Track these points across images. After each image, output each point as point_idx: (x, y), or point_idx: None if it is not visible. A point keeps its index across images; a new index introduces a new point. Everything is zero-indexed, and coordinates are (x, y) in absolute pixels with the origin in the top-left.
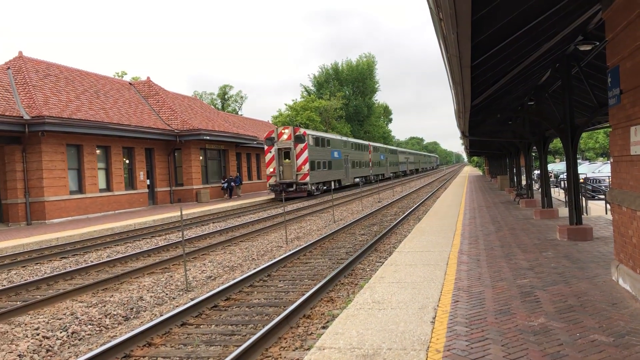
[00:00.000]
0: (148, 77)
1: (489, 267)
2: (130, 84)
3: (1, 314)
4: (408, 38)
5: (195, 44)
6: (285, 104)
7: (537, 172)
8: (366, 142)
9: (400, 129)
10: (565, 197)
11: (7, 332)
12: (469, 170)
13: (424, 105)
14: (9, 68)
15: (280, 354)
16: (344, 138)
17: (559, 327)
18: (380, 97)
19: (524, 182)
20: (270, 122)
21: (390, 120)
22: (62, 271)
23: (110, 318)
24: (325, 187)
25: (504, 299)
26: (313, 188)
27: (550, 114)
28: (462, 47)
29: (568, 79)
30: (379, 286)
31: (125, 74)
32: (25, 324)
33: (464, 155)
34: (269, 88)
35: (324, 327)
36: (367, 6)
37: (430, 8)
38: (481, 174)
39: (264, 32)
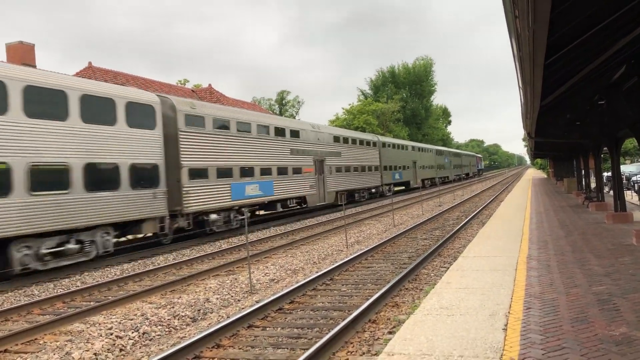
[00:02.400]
0: (210, 85)
1: (561, 273)
2: (192, 91)
3: (77, 313)
4: (459, 40)
5: (252, 52)
6: (343, 108)
7: (606, 174)
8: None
9: (457, 131)
10: None
11: (83, 330)
12: (533, 173)
13: (477, 108)
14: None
15: (348, 359)
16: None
17: None
18: (435, 99)
19: (593, 185)
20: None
21: (449, 123)
22: (131, 273)
23: (178, 319)
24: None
25: (579, 307)
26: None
27: (624, 112)
28: (536, 46)
29: None
30: (445, 292)
31: (188, 81)
32: (100, 324)
33: (527, 158)
34: (325, 92)
35: (390, 333)
36: (412, 9)
37: (504, 5)
38: (545, 176)
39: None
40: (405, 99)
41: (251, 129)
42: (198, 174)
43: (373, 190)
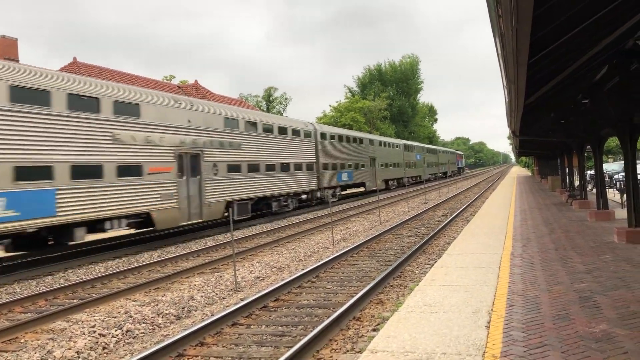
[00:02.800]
0: (196, 81)
1: (544, 270)
2: (178, 87)
3: (60, 311)
4: (444, 39)
5: (239, 48)
6: (330, 105)
7: (589, 172)
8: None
9: (443, 129)
10: (622, 199)
11: (66, 329)
12: (518, 171)
13: (464, 106)
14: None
15: (331, 357)
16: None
17: (622, 334)
18: (422, 98)
19: (576, 183)
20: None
21: (435, 121)
22: (116, 270)
23: (162, 317)
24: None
25: (561, 304)
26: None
27: (606, 112)
28: (519, 45)
29: (626, 75)
30: (429, 289)
31: (174, 77)
32: (83, 322)
33: (512, 156)
34: (312, 89)
35: (374, 330)
36: (401, 7)
37: (488, 4)
38: (530, 174)
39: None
40: (392, 97)
41: None
42: None
43: (305, 196)
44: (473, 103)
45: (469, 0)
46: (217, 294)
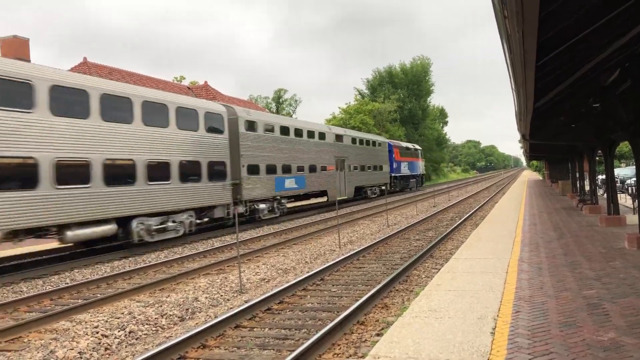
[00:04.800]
0: (205, 82)
1: (552, 276)
2: (188, 88)
3: (64, 311)
4: (449, 43)
5: (244, 51)
6: (339, 107)
7: (600, 177)
8: None
9: (453, 132)
10: (634, 204)
11: (69, 329)
12: (528, 175)
13: (470, 109)
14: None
15: None
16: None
17: (631, 343)
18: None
19: (587, 188)
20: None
21: (446, 123)
22: (122, 270)
23: (166, 318)
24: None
25: (569, 311)
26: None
27: (618, 116)
28: (527, 47)
29: (639, 79)
30: (435, 294)
31: (184, 78)
32: (86, 322)
33: (523, 159)
34: (317, 92)
35: (378, 335)
36: (403, 12)
37: (494, 5)
38: (541, 178)
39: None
40: (403, 99)
41: None
42: None
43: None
44: (475, 107)
45: (474, 2)
46: (221, 295)
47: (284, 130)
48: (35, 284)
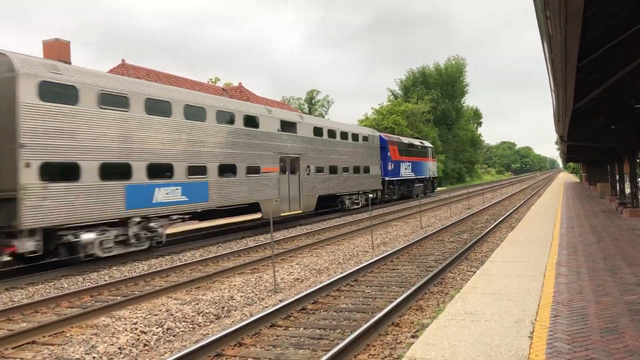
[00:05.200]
0: (240, 83)
1: (591, 280)
2: (223, 89)
3: (104, 307)
4: (485, 43)
5: (277, 53)
6: (372, 108)
7: None
8: None
9: (488, 133)
10: None
11: (109, 325)
12: (565, 177)
13: (506, 110)
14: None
15: None
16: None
17: None
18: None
19: (627, 190)
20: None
21: (480, 124)
22: (158, 269)
23: (202, 316)
24: None
25: (609, 316)
26: None
27: None
28: (568, 47)
29: None
30: (471, 297)
31: (219, 80)
32: (125, 318)
33: (559, 161)
34: (349, 93)
35: (413, 337)
36: (436, 12)
37: (535, 6)
38: (578, 180)
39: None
40: (436, 100)
41: None
42: None
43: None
44: (505, 108)
45: (510, 1)
46: (256, 294)
47: (165, 109)
48: (75, 280)
